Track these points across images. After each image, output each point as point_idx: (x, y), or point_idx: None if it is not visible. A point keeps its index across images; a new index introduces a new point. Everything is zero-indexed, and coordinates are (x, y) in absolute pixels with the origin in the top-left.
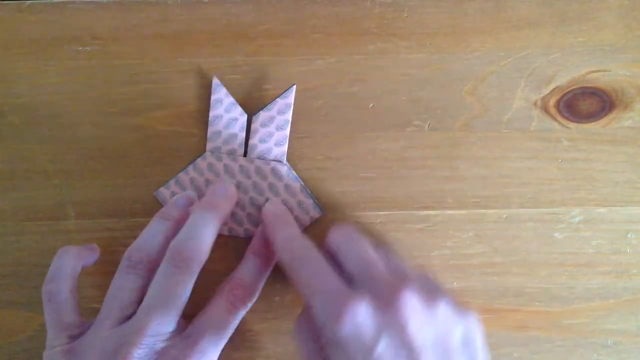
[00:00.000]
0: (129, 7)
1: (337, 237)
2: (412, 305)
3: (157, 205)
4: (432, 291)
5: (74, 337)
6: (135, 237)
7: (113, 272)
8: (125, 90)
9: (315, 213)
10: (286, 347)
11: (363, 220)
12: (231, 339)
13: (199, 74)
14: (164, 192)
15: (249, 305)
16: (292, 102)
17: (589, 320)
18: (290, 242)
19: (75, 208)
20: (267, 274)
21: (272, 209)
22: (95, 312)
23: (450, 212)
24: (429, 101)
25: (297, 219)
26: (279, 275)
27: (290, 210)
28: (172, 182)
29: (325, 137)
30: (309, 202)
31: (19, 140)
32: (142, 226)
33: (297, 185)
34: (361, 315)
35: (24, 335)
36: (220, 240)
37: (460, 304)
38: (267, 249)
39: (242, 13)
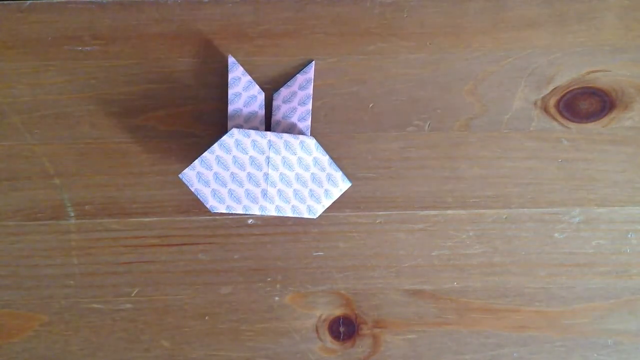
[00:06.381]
0: (129, 7)
1: None
2: None
3: (156, 205)
4: None
5: None
6: (135, 237)
7: (112, 273)
8: (125, 90)
9: (344, 185)
10: (286, 347)
11: (363, 221)
12: (230, 339)
13: (199, 74)
14: (189, 173)
15: None
16: (312, 77)
17: (589, 320)
18: None
19: (75, 208)
20: None
21: None
22: (96, 312)
23: (450, 212)
24: (429, 101)
25: (326, 192)
26: (278, 275)
27: (320, 183)
28: (196, 163)
29: (325, 137)
30: (338, 175)
31: (19, 140)
32: (142, 226)
33: (325, 158)
34: None
35: (24, 335)
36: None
37: None
38: None
39: (242, 13)
